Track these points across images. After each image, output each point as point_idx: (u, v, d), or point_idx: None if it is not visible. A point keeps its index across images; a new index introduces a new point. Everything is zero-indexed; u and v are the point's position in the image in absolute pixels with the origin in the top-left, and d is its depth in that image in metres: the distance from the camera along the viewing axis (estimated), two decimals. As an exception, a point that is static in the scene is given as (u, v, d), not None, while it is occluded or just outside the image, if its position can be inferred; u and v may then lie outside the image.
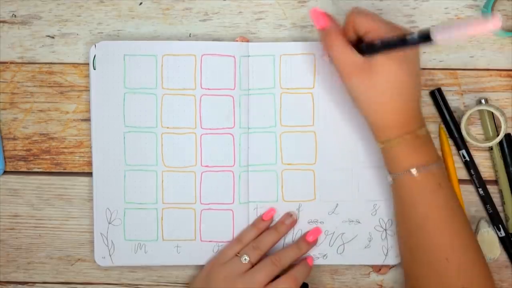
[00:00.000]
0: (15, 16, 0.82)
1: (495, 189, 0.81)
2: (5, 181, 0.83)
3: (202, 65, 0.80)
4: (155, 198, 0.81)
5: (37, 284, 0.84)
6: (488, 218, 0.81)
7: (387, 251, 0.81)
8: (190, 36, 0.82)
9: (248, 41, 0.81)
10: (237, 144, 0.81)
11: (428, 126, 0.74)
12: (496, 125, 0.80)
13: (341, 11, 0.80)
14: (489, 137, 0.80)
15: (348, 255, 0.81)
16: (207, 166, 0.81)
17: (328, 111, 0.81)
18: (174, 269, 0.83)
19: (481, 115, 0.81)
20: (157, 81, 0.80)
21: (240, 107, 0.80)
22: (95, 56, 0.80)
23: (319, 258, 0.81)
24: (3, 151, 0.83)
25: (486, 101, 0.80)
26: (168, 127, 0.81)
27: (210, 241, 0.81)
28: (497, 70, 0.80)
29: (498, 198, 0.81)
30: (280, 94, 0.81)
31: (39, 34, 0.82)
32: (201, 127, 0.81)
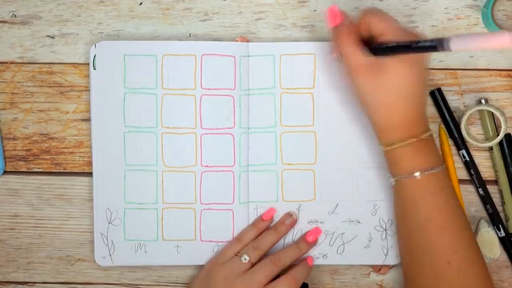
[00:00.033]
0: (15, 16, 0.82)
1: (495, 189, 0.81)
2: (5, 181, 0.83)
3: (202, 65, 0.80)
4: (155, 198, 0.81)
5: (37, 284, 0.84)
6: (488, 218, 0.81)
7: (387, 251, 0.81)
8: (190, 36, 0.82)
9: (248, 41, 0.81)
10: (237, 144, 0.81)
11: (431, 131, 0.74)
12: (496, 125, 0.80)
13: (341, 11, 0.80)
14: (489, 137, 0.80)
15: (348, 255, 0.81)
16: (207, 166, 0.81)
17: (328, 111, 0.81)
18: (174, 269, 0.83)
19: (481, 115, 0.81)
20: (157, 81, 0.80)
21: (240, 107, 0.80)
22: (95, 56, 0.80)
23: (319, 258, 0.81)
24: (3, 151, 0.83)
25: (486, 101, 0.80)
26: (168, 127, 0.81)
27: (210, 241, 0.81)
28: (497, 70, 0.80)
29: (498, 198, 0.81)
30: (280, 94, 0.81)
31: (39, 34, 0.82)
32: (201, 127, 0.81)
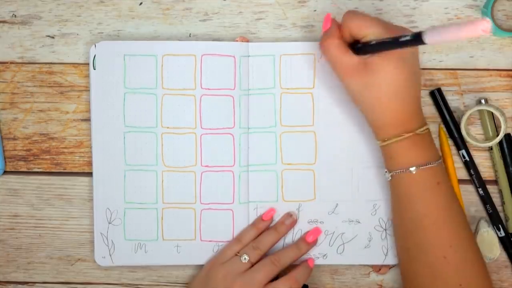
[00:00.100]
0: (15, 16, 0.82)
1: (495, 189, 0.81)
2: (5, 181, 0.83)
3: (202, 65, 0.80)
4: (155, 198, 0.81)
5: (37, 284, 0.84)
6: (488, 218, 0.81)
7: (387, 251, 0.81)
8: (190, 36, 0.82)
9: (248, 41, 0.81)
10: (237, 144, 0.81)
11: (428, 126, 0.74)
12: (496, 125, 0.80)
13: (341, 11, 0.80)
14: (489, 137, 0.80)
15: (348, 255, 0.81)
16: (207, 166, 0.81)
17: (328, 111, 0.81)
18: (174, 269, 0.83)
19: (481, 115, 0.81)
20: (157, 81, 0.80)
21: (240, 107, 0.80)
22: (95, 56, 0.80)
23: (319, 258, 0.81)
24: (3, 151, 0.83)
25: (486, 101, 0.80)
26: (168, 127, 0.81)
27: (210, 241, 0.81)
28: (497, 70, 0.80)
29: (498, 198, 0.81)
30: (280, 94, 0.81)
31: (39, 34, 0.82)
32: (201, 127, 0.81)
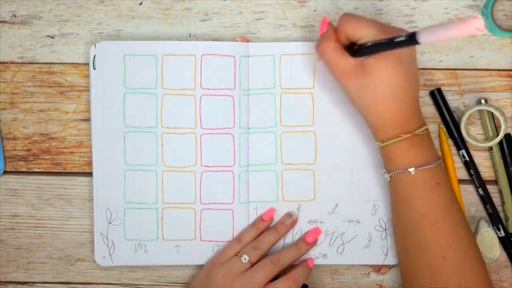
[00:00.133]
0: (15, 16, 0.82)
1: (495, 189, 0.81)
2: (5, 181, 0.83)
3: (202, 65, 0.80)
4: (155, 198, 0.81)
5: (37, 284, 0.84)
6: (488, 218, 0.81)
7: (387, 251, 0.81)
8: (190, 36, 0.82)
9: (248, 41, 0.81)
10: (237, 144, 0.81)
11: (428, 126, 0.74)
12: (496, 125, 0.80)
13: (341, 11, 0.80)
14: (489, 137, 0.80)
15: (348, 255, 0.81)
16: (207, 166, 0.81)
17: (328, 111, 0.81)
18: (174, 269, 0.83)
19: (481, 115, 0.81)
20: (157, 81, 0.80)
21: (240, 107, 0.80)
22: (95, 56, 0.80)
23: (319, 258, 0.81)
24: (3, 151, 0.83)
25: (486, 101, 0.80)
26: (168, 127, 0.81)
27: (210, 241, 0.81)
28: (497, 70, 0.80)
29: (498, 198, 0.81)
30: (280, 94, 0.81)
31: (39, 34, 0.82)
32: (201, 127, 0.81)
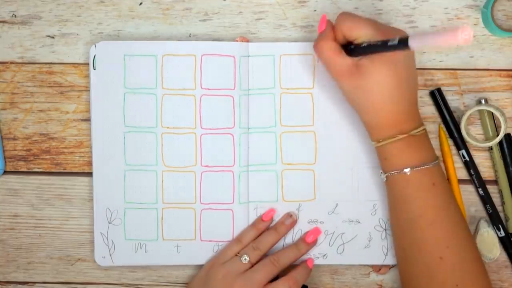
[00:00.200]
0: (15, 16, 0.82)
1: (495, 189, 0.81)
2: (5, 181, 0.83)
3: (202, 65, 0.80)
4: (155, 198, 0.81)
5: (37, 284, 0.84)
6: (488, 218, 0.81)
7: (387, 251, 0.81)
8: (190, 36, 0.82)
9: (248, 41, 0.81)
10: (237, 144, 0.81)
11: (428, 126, 0.74)
12: (496, 125, 0.80)
13: (341, 11, 0.80)
14: (489, 137, 0.80)
15: (348, 255, 0.81)
16: (207, 166, 0.81)
17: (328, 111, 0.81)
18: (174, 269, 0.83)
19: (481, 115, 0.81)
20: (157, 81, 0.80)
21: (240, 107, 0.80)
22: (95, 56, 0.80)
23: (319, 258, 0.81)
24: (3, 151, 0.83)
25: (486, 101, 0.80)
26: (168, 127, 0.81)
27: (210, 241, 0.81)
28: (497, 70, 0.80)
29: (498, 198, 0.81)
30: (280, 94, 0.81)
31: (39, 34, 0.82)
32: (201, 127, 0.81)
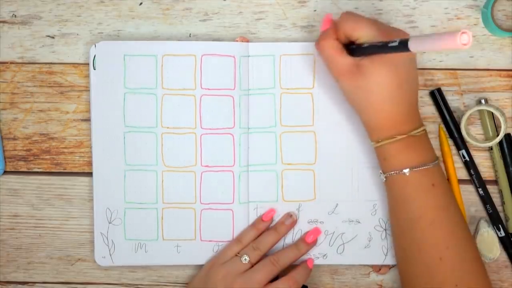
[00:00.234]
0: (15, 16, 0.82)
1: (495, 189, 0.81)
2: (5, 181, 0.83)
3: (202, 65, 0.80)
4: (155, 198, 0.81)
5: (37, 284, 0.84)
6: (488, 218, 0.81)
7: (387, 251, 0.81)
8: (190, 36, 0.82)
9: (248, 41, 0.81)
10: (237, 144, 0.81)
11: (428, 126, 0.74)
12: (496, 125, 0.80)
13: (341, 11, 0.80)
14: (489, 137, 0.80)
15: (348, 255, 0.81)
16: (207, 166, 0.81)
17: (328, 111, 0.81)
18: (174, 269, 0.83)
19: (481, 115, 0.81)
20: (157, 81, 0.80)
21: (240, 107, 0.80)
22: (95, 56, 0.80)
23: (319, 258, 0.81)
24: (3, 151, 0.83)
25: (486, 101, 0.80)
26: (168, 127, 0.81)
27: (210, 241, 0.81)
28: (497, 70, 0.80)
29: (498, 198, 0.81)
30: (280, 94, 0.81)
31: (39, 34, 0.82)
32: (201, 127, 0.81)
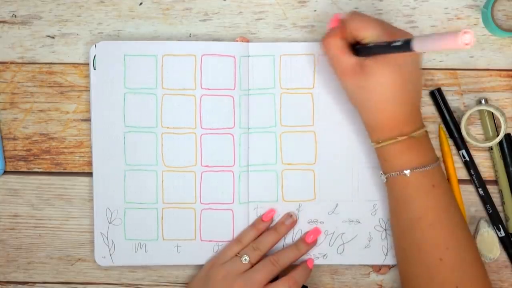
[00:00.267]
0: (15, 16, 0.82)
1: (495, 189, 0.81)
2: (5, 181, 0.83)
3: (202, 65, 0.80)
4: (155, 198, 0.81)
5: (37, 284, 0.84)
6: (488, 218, 0.81)
7: (387, 251, 0.81)
8: (190, 36, 0.82)
9: (248, 41, 0.81)
10: (237, 144, 0.81)
11: (428, 126, 0.74)
12: (496, 125, 0.80)
13: (341, 11, 0.80)
14: (489, 137, 0.80)
15: (348, 255, 0.81)
16: (207, 166, 0.81)
17: (328, 111, 0.81)
18: (174, 269, 0.83)
19: (481, 115, 0.81)
20: (157, 81, 0.80)
21: (240, 107, 0.80)
22: (95, 56, 0.80)
23: (319, 258, 0.81)
24: (3, 151, 0.83)
25: (486, 101, 0.80)
26: (168, 127, 0.81)
27: (210, 241, 0.81)
28: (497, 70, 0.80)
29: (498, 198, 0.81)
30: (280, 94, 0.81)
31: (39, 34, 0.82)
32: (201, 127, 0.81)
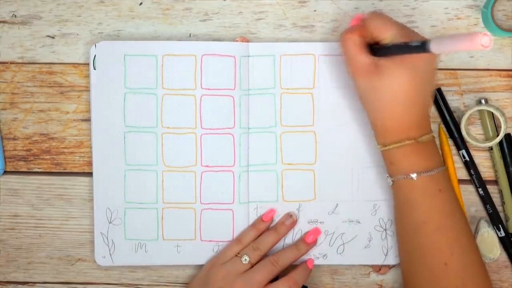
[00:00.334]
0: (15, 16, 0.82)
1: (495, 189, 0.81)
2: (5, 181, 0.83)
3: (202, 65, 0.80)
4: (155, 197, 0.81)
5: (37, 284, 0.84)
6: (488, 218, 0.81)
7: (387, 251, 0.81)
8: (190, 36, 0.82)
9: (248, 41, 0.81)
10: (237, 144, 0.81)
11: (433, 133, 0.73)
12: (496, 125, 0.80)
13: (341, 11, 0.80)
14: (489, 137, 0.80)
15: (348, 255, 0.81)
16: (207, 166, 0.81)
17: (328, 111, 0.81)
18: (174, 269, 0.83)
19: (481, 115, 0.81)
20: (157, 81, 0.80)
21: (240, 107, 0.80)
22: (95, 56, 0.80)
23: (319, 258, 0.81)
24: (3, 151, 0.83)
25: (486, 101, 0.80)
26: (168, 127, 0.81)
27: (210, 241, 0.81)
28: (497, 70, 0.80)
29: (498, 198, 0.81)
30: (280, 94, 0.81)
31: (39, 34, 0.82)
32: (201, 127, 0.81)
